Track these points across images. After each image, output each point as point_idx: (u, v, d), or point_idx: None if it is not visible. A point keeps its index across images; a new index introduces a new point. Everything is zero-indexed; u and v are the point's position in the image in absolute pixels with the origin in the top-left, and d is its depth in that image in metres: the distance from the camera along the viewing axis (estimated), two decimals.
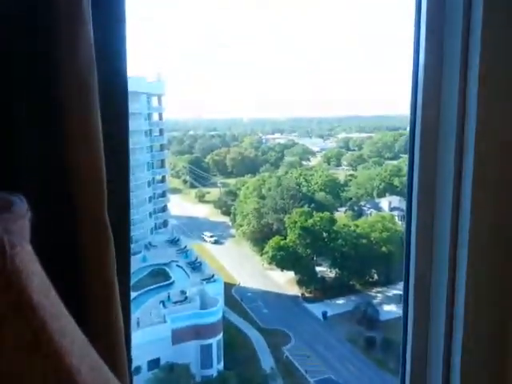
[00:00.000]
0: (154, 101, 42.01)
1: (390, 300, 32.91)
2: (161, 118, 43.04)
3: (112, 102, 0.71)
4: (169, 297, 25.26)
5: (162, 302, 24.50)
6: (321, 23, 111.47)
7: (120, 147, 0.75)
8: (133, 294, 25.51)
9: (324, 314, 29.95)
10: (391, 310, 31.51)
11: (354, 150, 78.35)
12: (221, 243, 42.64)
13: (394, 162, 60.87)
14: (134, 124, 36.04)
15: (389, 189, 50.86)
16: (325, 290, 33.09)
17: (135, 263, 29.83)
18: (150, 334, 21.02)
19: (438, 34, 1.06)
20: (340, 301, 32.35)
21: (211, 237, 43.13)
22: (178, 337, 22.13)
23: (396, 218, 42.06)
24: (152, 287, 26.77)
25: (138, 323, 21.77)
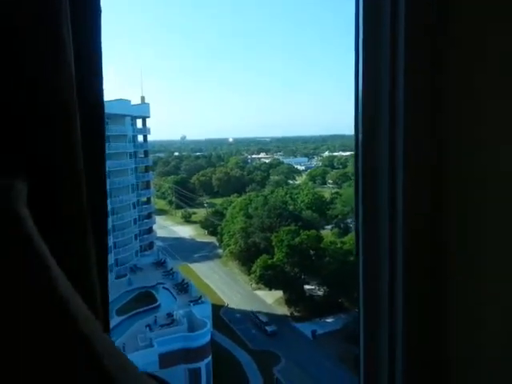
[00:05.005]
0: (139, 123, 42.11)
1: None
2: (145, 139, 43.06)
3: (88, 124, 0.75)
4: (155, 320, 24.76)
5: (149, 325, 23.98)
6: (298, 50, 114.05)
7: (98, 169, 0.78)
8: (118, 319, 24.93)
9: (313, 333, 29.68)
10: None
11: (338, 168, 79.35)
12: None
13: None
14: (118, 146, 35.90)
15: None
16: (314, 309, 32.86)
17: (120, 287, 29.25)
18: (136, 360, 20.39)
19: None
20: (329, 319, 32.15)
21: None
22: (166, 361, 21.59)
23: None
24: (138, 311, 26.22)
25: (123, 348, 21.24)
